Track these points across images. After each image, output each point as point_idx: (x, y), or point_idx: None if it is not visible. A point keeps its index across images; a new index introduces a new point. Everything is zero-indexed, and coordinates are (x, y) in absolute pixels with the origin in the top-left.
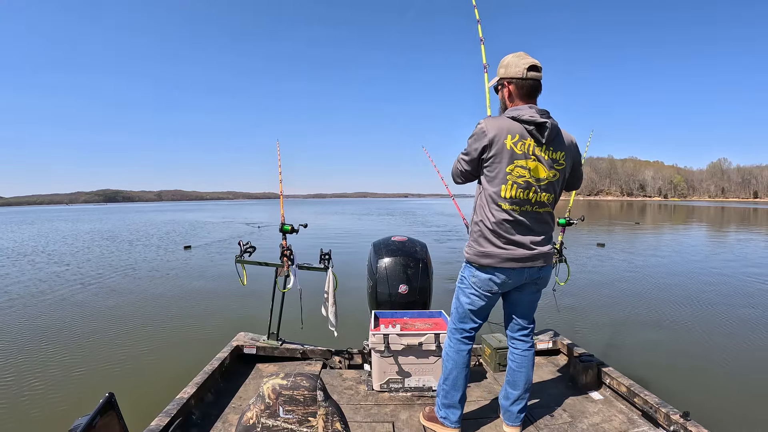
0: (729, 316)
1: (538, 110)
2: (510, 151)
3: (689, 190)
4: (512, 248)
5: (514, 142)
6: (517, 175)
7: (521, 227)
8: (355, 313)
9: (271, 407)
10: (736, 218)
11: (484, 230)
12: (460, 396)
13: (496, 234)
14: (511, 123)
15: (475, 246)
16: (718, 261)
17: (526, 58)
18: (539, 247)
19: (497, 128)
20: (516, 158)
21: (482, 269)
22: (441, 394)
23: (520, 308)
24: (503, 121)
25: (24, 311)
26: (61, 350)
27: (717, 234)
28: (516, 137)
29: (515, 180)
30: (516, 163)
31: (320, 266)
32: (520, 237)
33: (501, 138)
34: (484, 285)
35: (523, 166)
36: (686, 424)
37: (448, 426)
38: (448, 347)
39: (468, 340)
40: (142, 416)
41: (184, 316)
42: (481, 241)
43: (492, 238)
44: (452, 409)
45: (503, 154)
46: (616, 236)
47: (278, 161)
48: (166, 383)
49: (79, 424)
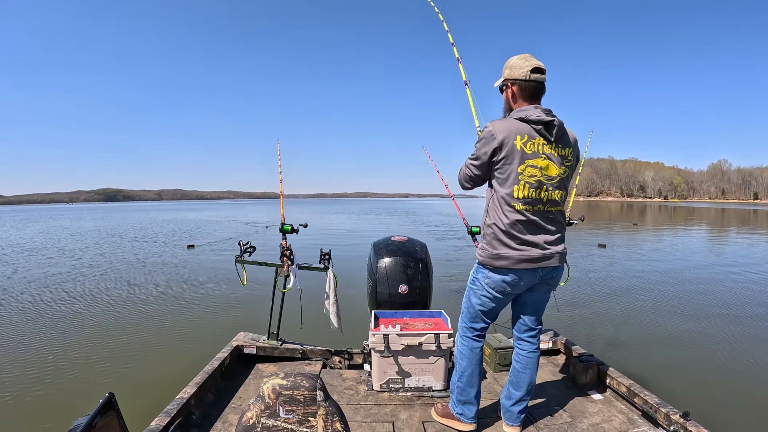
0: (729, 316)
1: (543, 110)
2: (521, 152)
3: (689, 192)
4: (527, 249)
5: (523, 142)
6: (528, 174)
7: (534, 227)
8: (355, 313)
9: (271, 407)
10: (736, 220)
11: (498, 232)
12: (476, 392)
13: (509, 235)
14: (519, 124)
15: (488, 248)
16: (718, 262)
17: (530, 60)
18: (553, 247)
19: (506, 130)
20: (527, 158)
21: (496, 271)
22: (456, 392)
23: (529, 308)
24: (511, 123)
25: (23, 311)
26: (61, 350)
27: (717, 235)
28: (525, 137)
29: (527, 180)
30: (527, 162)
31: (320, 266)
32: (533, 237)
33: (511, 139)
34: (498, 286)
35: (534, 166)
36: (686, 424)
37: (465, 422)
38: (461, 345)
39: (479, 338)
40: (142, 416)
41: (185, 316)
42: (495, 243)
43: (506, 240)
44: (468, 405)
45: (514, 155)
46: (616, 237)
47: (278, 161)
48: (166, 383)
49: (79, 424)
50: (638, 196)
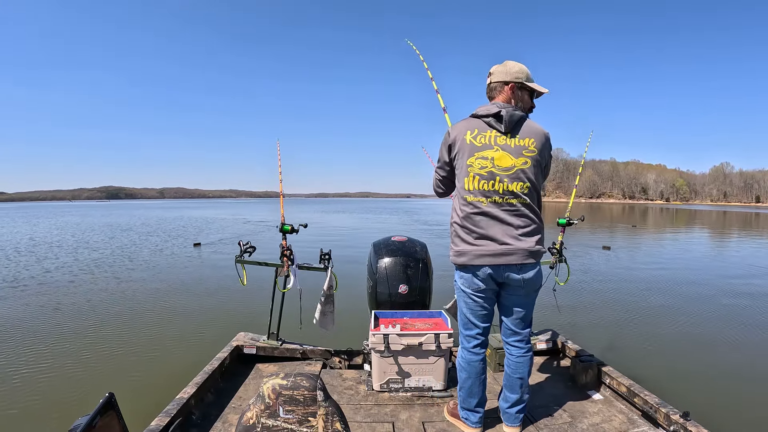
0: (729, 316)
1: (498, 104)
2: (470, 145)
3: (691, 194)
4: (484, 243)
5: (473, 136)
6: (478, 166)
7: (491, 220)
8: (355, 313)
9: (271, 407)
10: (738, 222)
11: (456, 228)
12: (478, 401)
13: (466, 230)
14: (470, 120)
15: (452, 246)
16: (719, 263)
17: (507, 65)
18: (515, 242)
19: (458, 128)
20: (476, 150)
21: (462, 269)
22: (460, 398)
23: (509, 312)
24: (464, 121)
25: (24, 309)
26: (61, 350)
27: (718, 238)
28: (475, 131)
29: (477, 171)
30: (477, 155)
31: (320, 266)
32: (490, 231)
33: (461, 135)
34: (471, 284)
35: (484, 157)
36: (686, 424)
37: (470, 426)
38: (459, 357)
39: (479, 348)
40: (142, 416)
41: (185, 316)
42: (455, 241)
43: (463, 235)
44: (472, 412)
45: (464, 149)
46: (616, 240)
47: (278, 161)
48: (166, 383)
49: (79, 424)
50: (640, 198)
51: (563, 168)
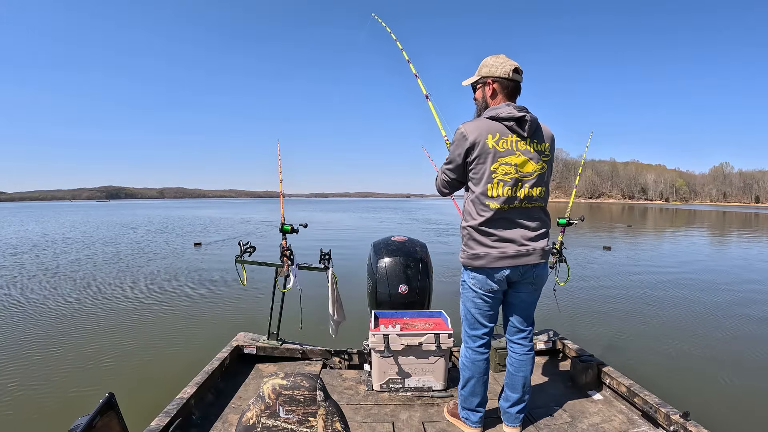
0: (729, 316)
1: (516, 107)
2: (493, 150)
3: (691, 194)
4: (503, 245)
5: (495, 140)
6: (502, 173)
7: (510, 223)
8: (355, 313)
9: (271, 407)
10: (738, 223)
11: (472, 232)
12: (479, 401)
13: (484, 233)
14: (491, 123)
15: (466, 249)
16: (719, 263)
17: (509, 60)
18: (532, 243)
19: (477, 130)
20: (500, 156)
21: (477, 270)
22: (461, 398)
23: (517, 310)
24: (482, 122)
25: (24, 309)
26: (61, 349)
27: (718, 238)
28: (497, 135)
29: (501, 178)
30: (500, 161)
31: (320, 266)
32: (509, 233)
33: (482, 138)
34: (484, 285)
35: (508, 163)
36: (686, 424)
37: (470, 426)
38: (463, 356)
39: (483, 348)
40: (142, 416)
41: (185, 316)
42: (471, 244)
43: (481, 239)
44: (472, 412)
45: (487, 155)
46: (615, 240)
47: (278, 161)
48: (166, 383)
49: (79, 424)
50: (640, 198)
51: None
